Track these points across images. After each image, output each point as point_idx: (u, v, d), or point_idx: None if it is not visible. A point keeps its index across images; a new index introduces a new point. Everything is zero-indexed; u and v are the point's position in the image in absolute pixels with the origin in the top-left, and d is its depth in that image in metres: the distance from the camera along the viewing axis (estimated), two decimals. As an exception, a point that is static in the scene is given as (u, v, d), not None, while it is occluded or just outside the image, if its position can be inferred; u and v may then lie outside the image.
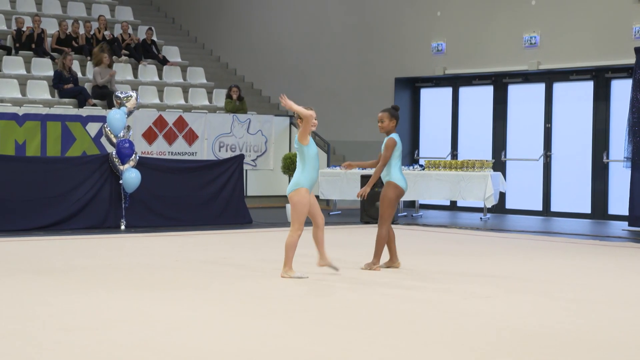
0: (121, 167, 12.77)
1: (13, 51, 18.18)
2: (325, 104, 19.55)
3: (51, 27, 19.52)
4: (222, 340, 5.53)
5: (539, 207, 16.77)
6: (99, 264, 9.06)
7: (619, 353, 5.36)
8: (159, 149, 16.66)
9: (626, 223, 14.06)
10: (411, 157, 18.70)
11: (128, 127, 12.99)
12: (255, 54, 21.63)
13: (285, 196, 8.68)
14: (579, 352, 5.35)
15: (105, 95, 16.98)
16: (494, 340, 5.62)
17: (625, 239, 12.65)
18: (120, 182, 12.80)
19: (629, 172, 13.78)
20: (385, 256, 8.94)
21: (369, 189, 8.81)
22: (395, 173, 8.79)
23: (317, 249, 8.28)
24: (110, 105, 16.11)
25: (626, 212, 14.09)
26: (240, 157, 14.44)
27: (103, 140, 14.95)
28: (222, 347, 5.34)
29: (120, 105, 12.91)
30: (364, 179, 14.64)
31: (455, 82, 18.20)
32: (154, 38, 20.59)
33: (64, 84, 16.84)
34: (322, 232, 8.25)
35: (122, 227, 12.85)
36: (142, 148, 16.11)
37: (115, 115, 12.76)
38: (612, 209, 15.81)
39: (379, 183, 9.02)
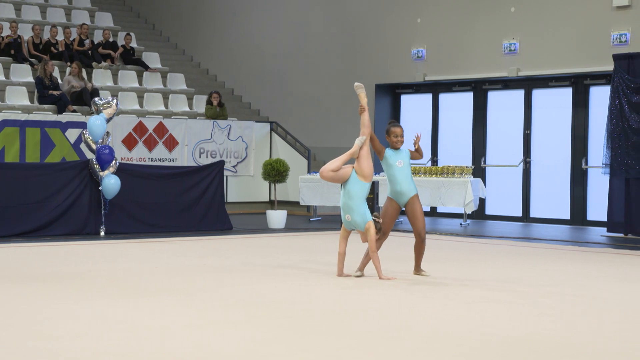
0: (101, 173, 12.71)
1: (-9, 57, 18.09)
2: (306, 110, 19.56)
3: (30, 33, 19.42)
4: (203, 347, 5.51)
5: (519, 213, 16.85)
6: (78, 270, 9.01)
7: (601, 359, 5.38)
8: (139, 155, 16.61)
9: (605, 229, 14.15)
10: (391, 164, 18.70)
11: (107, 133, 12.95)
12: (235, 60, 21.61)
13: (266, 202, 8.70)
14: (560, 358, 5.37)
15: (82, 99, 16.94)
16: (477, 346, 5.63)
17: (604, 244, 12.73)
18: (100, 188, 12.74)
19: (607, 178, 13.88)
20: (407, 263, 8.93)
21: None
22: (415, 186, 9.05)
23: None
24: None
25: (605, 218, 14.19)
26: (221, 163, 14.42)
27: (82, 146, 14.90)
28: (203, 354, 5.32)
29: (98, 111, 12.86)
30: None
31: (436, 88, 18.26)
32: (134, 44, 20.54)
33: (47, 91, 16.78)
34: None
35: (102, 233, 12.79)
36: (122, 154, 16.06)
37: (96, 122, 12.71)
38: (591, 215, 15.91)
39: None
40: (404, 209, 8.94)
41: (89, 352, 5.32)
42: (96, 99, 13.18)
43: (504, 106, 17.35)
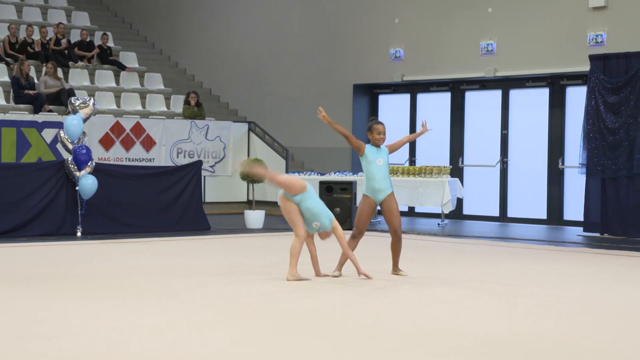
0: (77, 174, 12.64)
1: (-33, 56, 17.95)
2: (284, 110, 19.55)
3: (5, 33, 19.28)
4: (180, 347, 5.49)
5: (496, 213, 16.91)
6: (55, 271, 8.95)
7: (580, 357, 5.41)
8: (116, 155, 16.53)
9: (581, 228, 14.23)
10: (369, 164, 18.73)
11: (84, 133, 12.88)
12: (213, 59, 21.56)
13: (244, 202, 8.73)
14: (540, 357, 5.39)
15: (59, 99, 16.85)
16: (455, 346, 5.64)
17: (581, 244, 12.80)
18: (77, 188, 12.67)
19: (584, 178, 13.96)
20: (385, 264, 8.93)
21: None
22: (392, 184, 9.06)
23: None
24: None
25: (581, 218, 14.27)
26: (199, 163, 14.37)
27: (59, 146, 14.81)
28: (181, 354, 5.30)
29: (75, 111, 12.79)
30: (323, 184, 14.65)
31: (414, 88, 18.30)
32: (111, 44, 20.45)
33: (23, 90, 16.67)
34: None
35: (79, 234, 12.72)
36: (99, 154, 15.97)
37: (72, 122, 12.64)
38: (568, 215, 15.99)
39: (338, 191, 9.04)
40: (379, 207, 8.95)
41: (64, 353, 5.28)
42: (73, 98, 13.11)
43: (482, 106, 17.42)
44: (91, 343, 5.56)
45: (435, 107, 18.03)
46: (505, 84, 16.98)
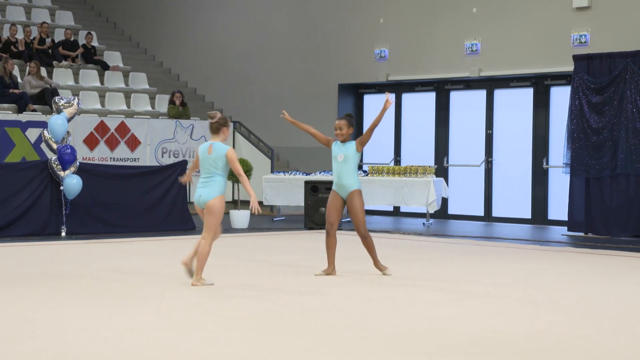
0: (61, 173, 12.59)
1: (-50, 55, 17.84)
2: (269, 110, 19.53)
3: (-11, 31, 19.20)
4: (165, 348, 5.48)
5: (481, 213, 16.96)
6: (39, 271, 8.91)
7: (565, 356, 5.43)
8: (101, 154, 16.48)
9: (566, 228, 14.29)
10: (354, 163, 18.75)
11: (68, 133, 12.83)
12: (198, 59, 21.52)
13: (229, 202, 8.66)
14: (524, 356, 5.41)
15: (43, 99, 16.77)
16: (440, 345, 5.66)
17: (565, 243, 12.85)
18: (61, 188, 12.62)
19: (568, 178, 14.02)
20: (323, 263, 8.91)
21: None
22: (358, 181, 8.83)
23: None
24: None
25: (565, 217, 14.33)
26: (183, 163, 14.35)
27: (43, 146, 14.73)
28: (166, 355, 5.29)
29: (59, 110, 12.74)
30: (308, 184, 14.66)
31: (398, 88, 18.32)
32: (95, 43, 20.38)
33: (7, 89, 16.58)
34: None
35: (63, 233, 12.67)
36: (83, 154, 15.91)
37: (57, 121, 12.59)
38: (552, 214, 16.05)
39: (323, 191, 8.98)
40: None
41: (48, 353, 5.27)
42: (57, 98, 13.06)
43: (466, 106, 17.46)
44: (78, 344, 5.55)
45: (420, 106, 18.06)
46: (490, 84, 17.03)
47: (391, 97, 8.73)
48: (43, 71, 17.83)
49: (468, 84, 17.33)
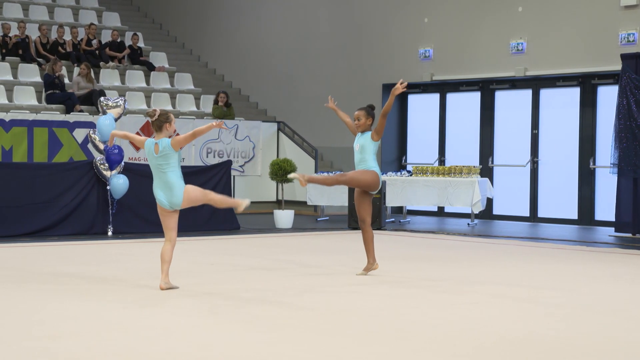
0: (107, 173, 12.73)
1: (0, 57, 18.12)
2: (313, 110, 19.55)
3: (37, 33, 19.46)
4: (207, 347, 5.51)
5: (526, 213, 16.81)
6: (85, 270, 9.02)
7: (604, 359, 5.37)
8: (146, 155, 16.59)
9: (613, 229, 14.12)
10: (399, 163, 18.72)
11: (114, 133, 12.95)
12: (243, 60, 21.62)
13: (273, 202, 8.68)
14: (563, 359, 5.36)
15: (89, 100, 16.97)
16: (479, 346, 5.62)
17: (612, 244, 12.69)
18: (108, 187, 12.76)
19: (615, 178, 13.84)
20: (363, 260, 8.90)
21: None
22: (377, 166, 8.77)
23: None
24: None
25: (613, 218, 14.15)
26: (228, 163, 14.42)
27: (90, 146, 14.90)
28: (207, 354, 5.32)
29: (106, 111, 12.87)
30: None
31: (443, 88, 18.24)
32: (141, 44, 20.57)
33: (56, 90, 16.80)
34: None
35: (110, 233, 12.81)
36: (129, 154, 16.06)
37: (105, 121, 12.73)
38: (599, 215, 15.86)
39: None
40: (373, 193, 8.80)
41: (90, 352, 5.33)
42: (103, 98, 13.20)
43: (512, 106, 17.32)
44: (112, 342, 5.60)
45: (464, 106, 17.96)
46: (536, 84, 16.88)
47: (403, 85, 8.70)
48: (92, 73, 18.04)
49: (513, 83, 17.19)
